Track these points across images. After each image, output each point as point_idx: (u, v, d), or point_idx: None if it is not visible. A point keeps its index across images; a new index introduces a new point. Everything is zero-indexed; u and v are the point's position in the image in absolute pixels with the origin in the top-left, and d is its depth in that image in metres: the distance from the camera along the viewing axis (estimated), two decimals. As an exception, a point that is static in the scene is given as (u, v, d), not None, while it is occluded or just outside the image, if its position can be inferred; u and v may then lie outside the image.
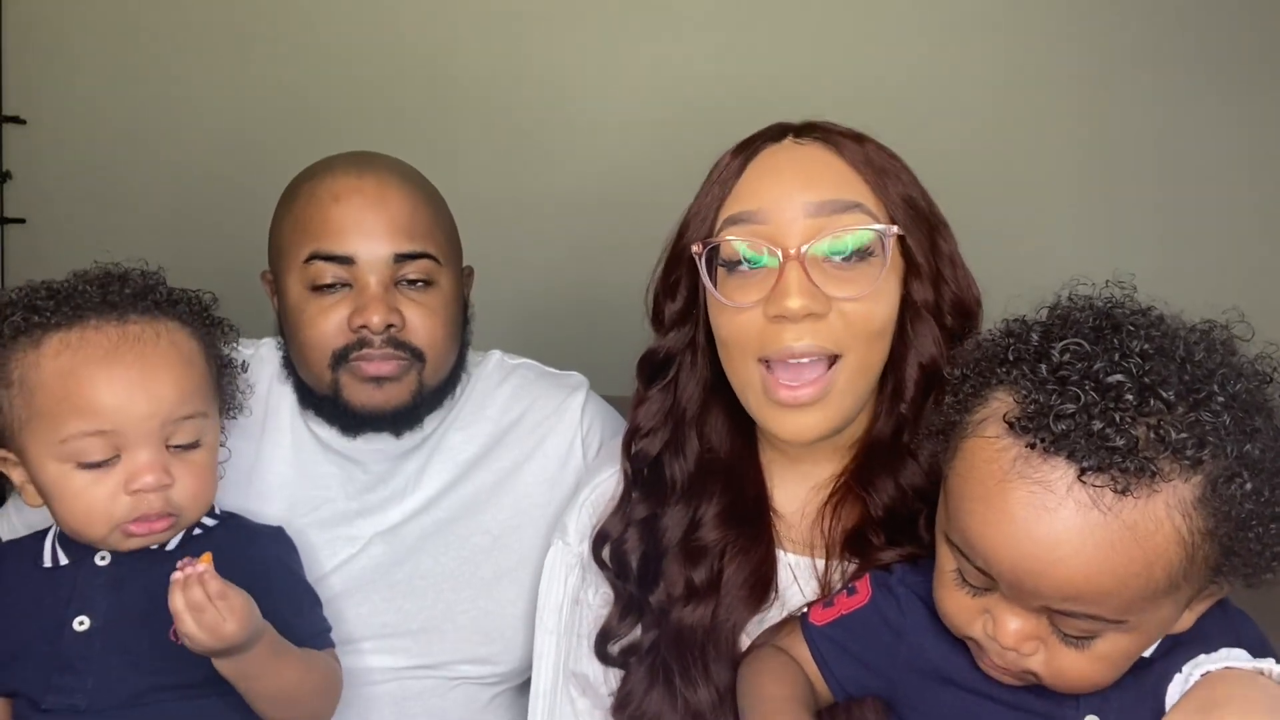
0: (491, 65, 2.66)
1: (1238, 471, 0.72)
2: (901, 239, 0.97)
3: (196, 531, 1.07)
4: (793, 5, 2.61)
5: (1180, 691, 0.78)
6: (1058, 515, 0.72)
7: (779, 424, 0.98)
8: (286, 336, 1.25)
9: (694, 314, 1.05)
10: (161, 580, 0.93)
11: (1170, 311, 0.81)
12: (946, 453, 0.83)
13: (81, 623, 1.01)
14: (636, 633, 1.05)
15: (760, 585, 1.01)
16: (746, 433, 1.07)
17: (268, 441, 1.27)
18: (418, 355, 1.20)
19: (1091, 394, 0.72)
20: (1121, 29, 2.54)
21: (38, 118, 2.75)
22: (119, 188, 2.74)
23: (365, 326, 1.16)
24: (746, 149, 1.01)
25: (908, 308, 0.99)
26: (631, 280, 1.13)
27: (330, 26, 2.69)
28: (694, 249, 1.00)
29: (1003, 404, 0.78)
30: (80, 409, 0.98)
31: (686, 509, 1.05)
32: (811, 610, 0.96)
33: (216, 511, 1.11)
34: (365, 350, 1.17)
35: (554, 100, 2.65)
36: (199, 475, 1.04)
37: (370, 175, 1.20)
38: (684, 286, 1.05)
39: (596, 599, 1.09)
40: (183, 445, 1.03)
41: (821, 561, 1.01)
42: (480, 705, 1.27)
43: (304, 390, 1.26)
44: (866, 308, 0.95)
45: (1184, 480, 0.72)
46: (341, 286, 1.18)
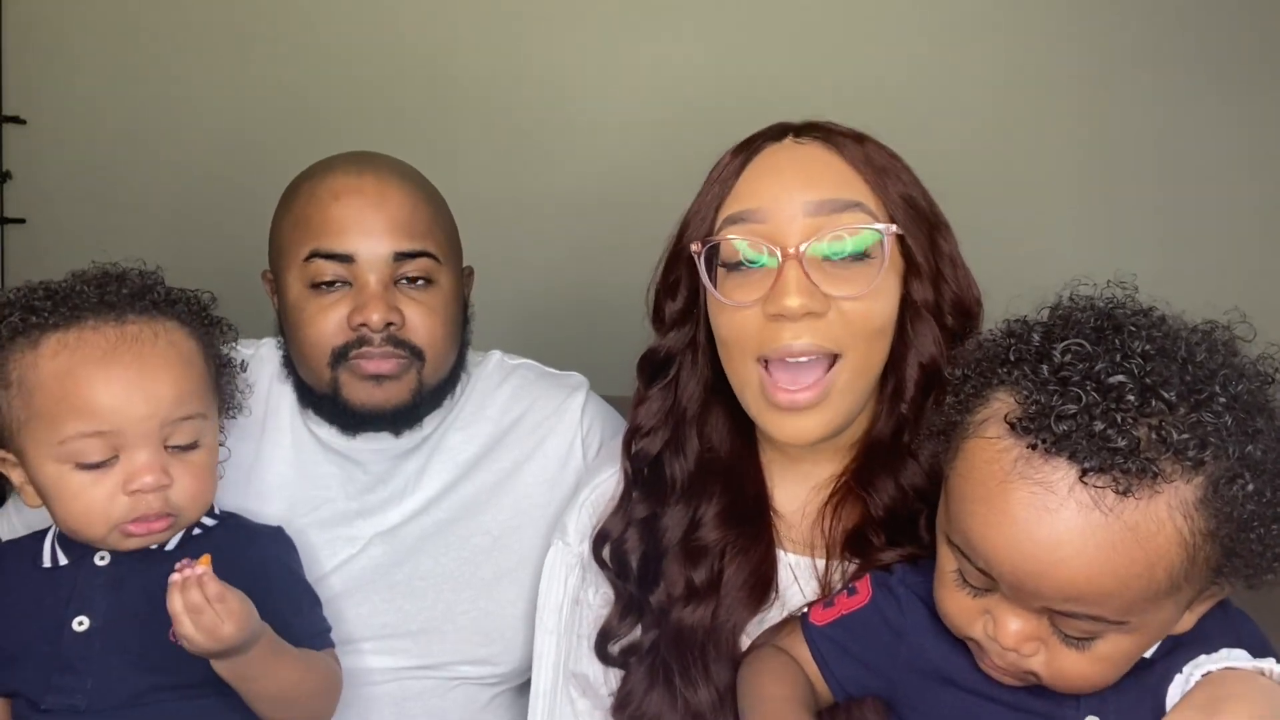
0: (491, 65, 2.66)
1: (1239, 472, 0.72)
2: (901, 238, 0.97)
3: (196, 531, 1.07)
4: (793, 5, 2.61)
5: (1181, 692, 0.78)
6: (1059, 516, 0.72)
7: (777, 427, 0.97)
8: (286, 335, 1.25)
9: (695, 313, 1.05)
10: (161, 580, 0.93)
11: (1171, 312, 0.80)
12: (947, 453, 0.83)
13: (81, 623, 1.00)
14: (637, 633, 1.05)
15: (760, 585, 1.01)
16: (747, 433, 1.07)
17: (268, 441, 1.27)
18: (417, 354, 1.20)
19: (1093, 395, 0.72)
20: (1121, 29, 2.54)
21: (38, 118, 2.75)
22: (119, 188, 2.74)
23: (365, 324, 1.16)
24: (747, 148, 1.01)
25: (908, 307, 0.99)
26: (631, 280, 1.13)
27: (330, 26, 2.69)
28: (693, 248, 1.00)
29: (1004, 404, 0.78)
30: (78, 410, 0.98)
31: (687, 509, 1.05)
32: (812, 610, 0.96)
33: (216, 511, 1.10)
34: (365, 348, 1.17)
35: (554, 100, 2.65)
36: (198, 476, 1.04)
37: (370, 174, 1.21)
38: (684, 286, 1.05)
39: (597, 599, 1.09)
40: (181, 446, 1.03)
41: (822, 562, 1.01)
42: (480, 705, 1.27)
43: (304, 389, 1.25)
44: (865, 306, 0.95)
45: (1186, 481, 0.72)
46: (341, 285, 1.18)
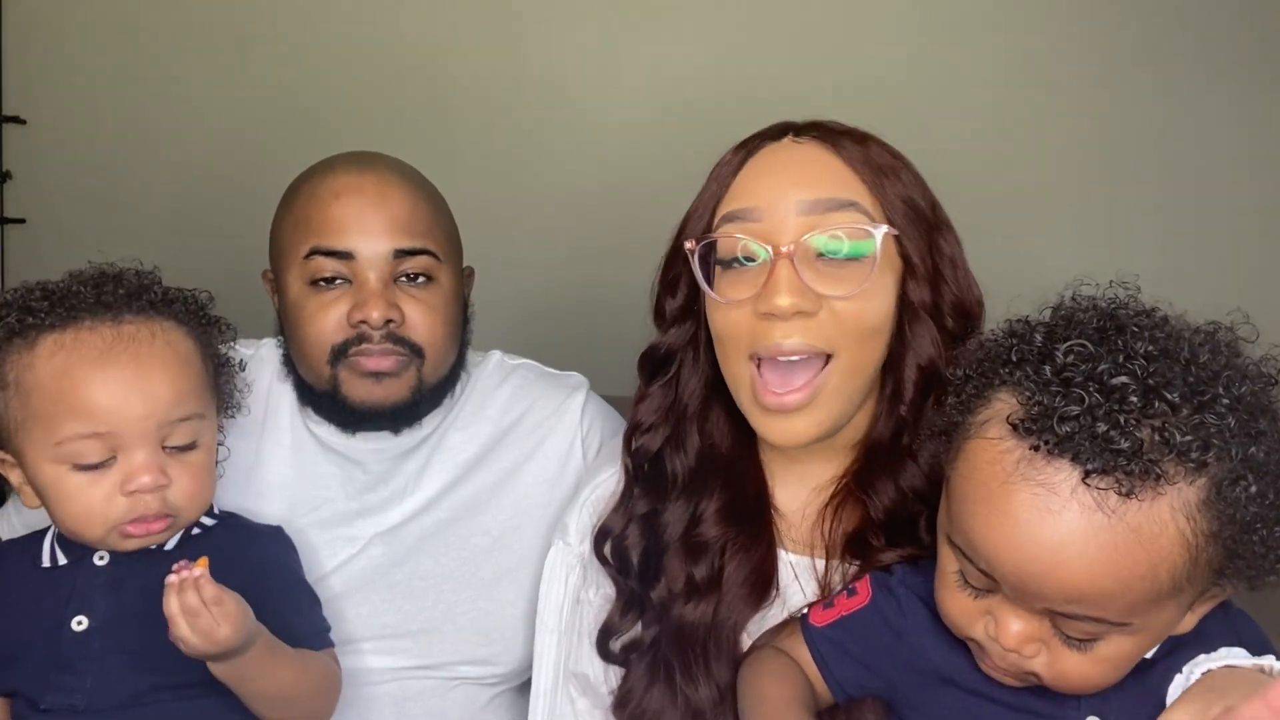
0: (491, 65, 2.65)
1: (1242, 474, 0.72)
2: (898, 240, 0.97)
3: (195, 531, 1.07)
4: (793, 5, 2.61)
5: (1181, 691, 0.77)
6: (1061, 518, 0.72)
7: (767, 428, 0.97)
8: (286, 334, 1.25)
9: (695, 310, 1.05)
10: (160, 580, 0.92)
11: (1173, 313, 0.80)
12: (949, 453, 0.82)
13: (80, 623, 1.00)
14: (638, 629, 1.05)
15: (761, 583, 1.01)
16: (747, 430, 1.06)
17: (267, 441, 1.27)
18: (417, 351, 1.20)
19: (1096, 396, 0.72)
20: (1121, 29, 2.53)
21: (38, 118, 2.75)
22: (119, 188, 2.74)
23: (364, 321, 1.16)
24: (747, 147, 1.01)
25: (905, 308, 0.98)
26: (631, 280, 1.13)
27: (330, 26, 2.68)
28: (687, 245, 1.00)
29: (1006, 405, 0.77)
30: (75, 410, 0.98)
31: (687, 505, 1.05)
32: (811, 611, 0.96)
33: (215, 511, 1.10)
34: (364, 345, 1.17)
35: (554, 100, 2.65)
36: (196, 476, 1.04)
37: (370, 173, 1.21)
38: (684, 283, 1.05)
39: (597, 598, 1.09)
40: (179, 446, 1.02)
41: (821, 562, 1.01)
42: (480, 705, 1.27)
43: (304, 388, 1.25)
44: (858, 306, 0.95)
45: (1188, 483, 0.72)
46: (341, 282, 1.18)
